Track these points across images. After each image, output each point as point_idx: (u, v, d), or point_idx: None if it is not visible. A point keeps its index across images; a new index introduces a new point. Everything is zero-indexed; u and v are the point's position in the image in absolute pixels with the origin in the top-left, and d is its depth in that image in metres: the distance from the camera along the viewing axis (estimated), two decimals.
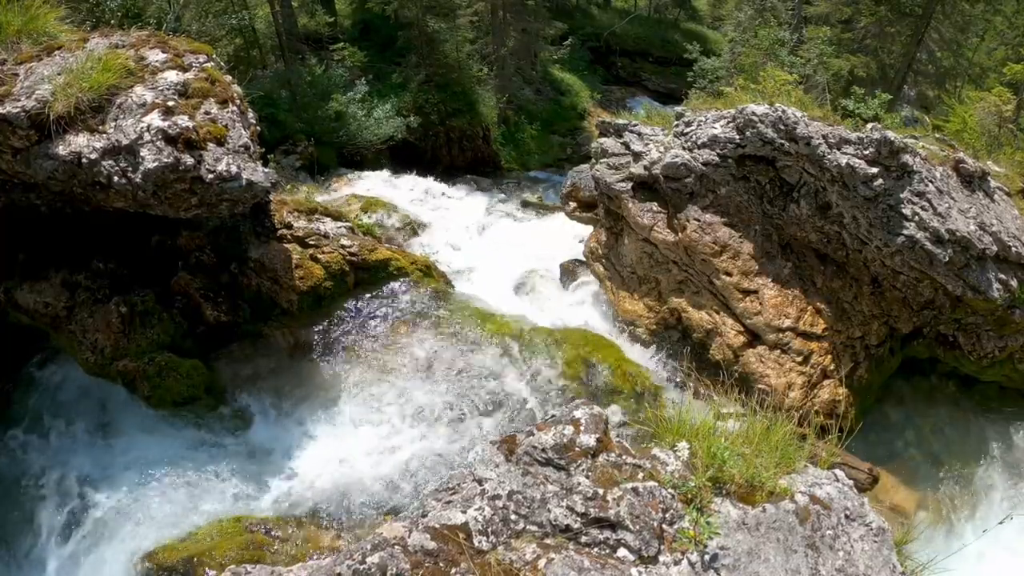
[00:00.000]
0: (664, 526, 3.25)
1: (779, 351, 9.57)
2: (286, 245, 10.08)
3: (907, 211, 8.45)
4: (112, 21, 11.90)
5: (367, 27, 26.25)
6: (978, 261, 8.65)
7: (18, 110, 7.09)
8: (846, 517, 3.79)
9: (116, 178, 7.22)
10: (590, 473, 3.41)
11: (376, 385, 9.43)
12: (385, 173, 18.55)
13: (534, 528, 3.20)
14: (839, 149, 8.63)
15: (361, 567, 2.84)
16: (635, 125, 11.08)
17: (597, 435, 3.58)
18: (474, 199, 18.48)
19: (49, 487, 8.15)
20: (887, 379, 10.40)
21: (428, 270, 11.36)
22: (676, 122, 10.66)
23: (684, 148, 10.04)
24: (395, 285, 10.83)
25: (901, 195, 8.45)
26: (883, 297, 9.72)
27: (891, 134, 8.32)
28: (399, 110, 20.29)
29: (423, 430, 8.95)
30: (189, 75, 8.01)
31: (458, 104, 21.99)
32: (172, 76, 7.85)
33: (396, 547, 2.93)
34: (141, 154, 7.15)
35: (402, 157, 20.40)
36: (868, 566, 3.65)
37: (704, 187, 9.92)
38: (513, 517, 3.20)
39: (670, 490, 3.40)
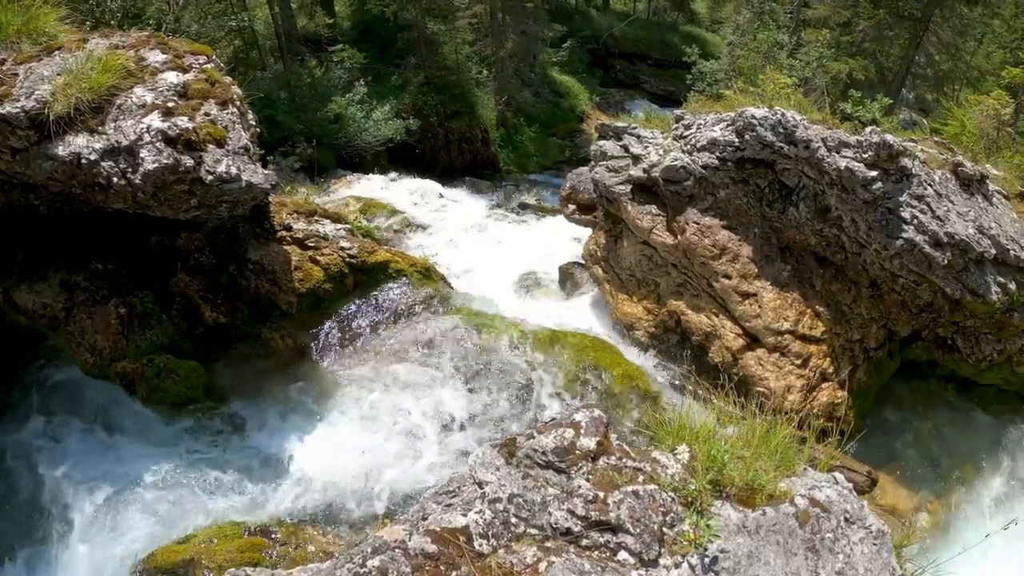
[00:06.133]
0: (664, 529, 3.24)
1: (778, 354, 9.57)
2: (285, 247, 10.07)
3: (906, 214, 8.46)
4: (112, 21, 11.88)
5: (366, 29, 26.26)
6: (976, 264, 8.67)
7: (17, 110, 7.08)
8: (846, 520, 3.79)
9: (116, 179, 7.21)
10: (590, 476, 3.41)
11: (375, 387, 9.42)
12: (384, 175, 18.55)
13: (535, 531, 3.20)
14: (838, 152, 8.65)
15: (361, 570, 2.83)
16: (634, 128, 11.09)
17: (597, 438, 3.57)
18: (473, 201, 18.50)
19: (47, 488, 8.12)
20: (886, 382, 10.41)
21: (427, 272, 11.36)
22: (675, 125, 10.68)
23: (683, 151, 10.05)
24: (394, 287, 10.83)
25: (900, 198, 8.47)
26: (882, 300, 9.73)
27: (890, 137, 8.33)
28: (398, 112, 20.29)
29: (422, 432, 8.94)
30: (189, 76, 8.00)
31: (457, 106, 21.99)
32: (172, 77, 7.84)
33: (396, 550, 2.93)
34: (141, 155, 7.14)
35: (401, 159, 20.41)
36: (868, 569, 3.65)
37: (703, 190, 9.93)
38: (513, 520, 3.20)
39: (670, 493, 3.40)
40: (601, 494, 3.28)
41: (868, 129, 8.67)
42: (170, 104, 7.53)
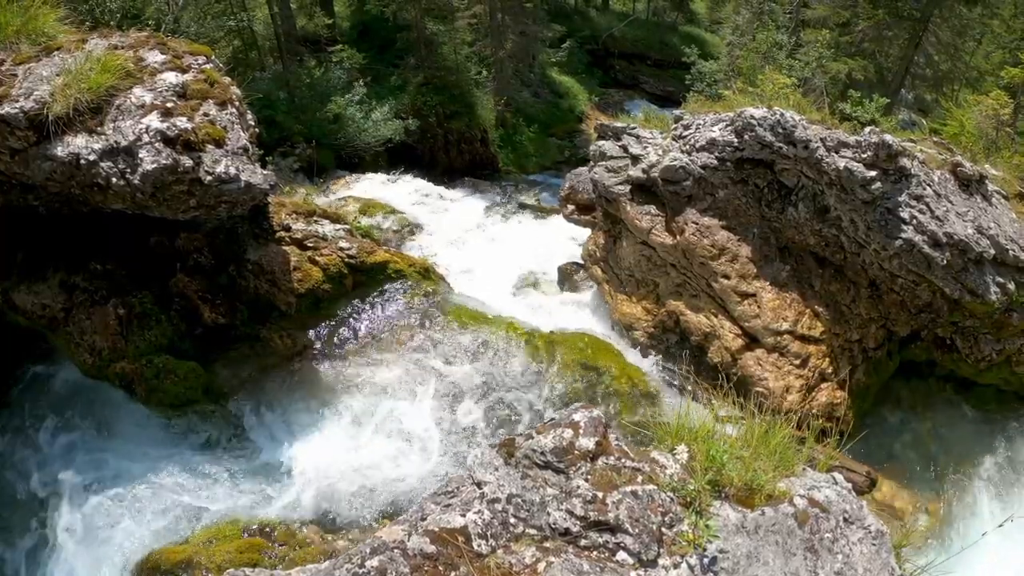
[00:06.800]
0: (663, 529, 3.24)
1: (777, 354, 9.57)
2: (284, 247, 10.06)
3: (905, 214, 8.46)
4: (111, 22, 11.89)
5: (366, 29, 26.26)
6: (975, 264, 8.67)
7: (16, 111, 7.08)
8: (844, 520, 3.79)
9: (114, 179, 7.21)
10: (589, 476, 3.41)
11: (374, 388, 9.42)
12: (383, 175, 18.56)
13: (533, 531, 3.19)
14: (837, 152, 8.65)
15: (360, 571, 2.83)
16: (633, 128, 11.09)
17: (596, 438, 3.57)
18: (472, 201, 18.49)
19: (46, 489, 8.13)
20: (885, 382, 10.41)
21: (426, 272, 11.35)
22: (674, 125, 10.68)
23: (682, 151, 10.05)
24: (393, 287, 10.83)
25: (899, 198, 8.47)
26: (881, 300, 9.73)
27: (889, 137, 8.33)
28: (397, 112, 20.29)
29: (421, 433, 8.94)
30: (188, 76, 8.00)
31: (456, 106, 21.99)
32: (171, 77, 7.84)
33: (395, 550, 2.93)
34: (140, 155, 7.14)
35: (400, 159, 20.40)
36: (867, 569, 3.65)
37: (702, 190, 9.93)
38: (512, 520, 3.20)
39: (669, 493, 3.39)
40: (600, 494, 3.28)
41: (867, 129, 8.67)
42: (169, 104, 7.53)
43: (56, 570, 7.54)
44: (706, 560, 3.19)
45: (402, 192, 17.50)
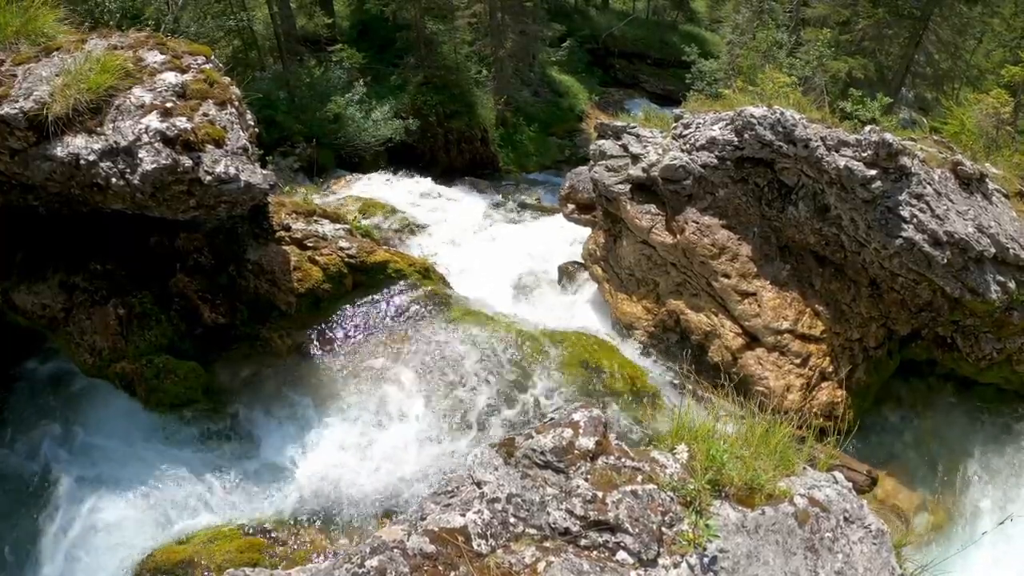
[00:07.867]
0: (663, 529, 3.24)
1: (777, 353, 9.57)
2: (284, 247, 10.06)
3: (905, 213, 8.45)
4: (110, 22, 11.89)
5: (365, 28, 26.26)
6: (976, 263, 8.66)
7: (16, 111, 7.08)
8: (845, 519, 3.79)
9: (114, 179, 7.20)
10: (589, 476, 3.41)
11: (375, 388, 9.42)
12: (383, 175, 18.54)
13: (533, 531, 3.19)
14: (837, 151, 8.64)
15: (360, 570, 2.83)
16: (633, 127, 11.09)
17: (596, 438, 3.57)
18: (472, 201, 18.48)
19: (45, 489, 8.12)
20: (885, 381, 10.41)
21: (426, 272, 11.35)
22: (674, 124, 10.67)
23: (682, 150, 10.04)
24: (393, 287, 10.82)
25: (899, 197, 8.46)
26: (881, 299, 9.73)
27: (889, 136, 8.33)
28: (397, 112, 20.28)
29: (421, 433, 8.94)
30: (187, 76, 7.99)
31: (456, 106, 21.98)
32: (170, 77, 7.84)
33: (395, 550, 2.93)
34: (139, 156, 7.14)
35: (400, 159, 20.39)
36: (867, 568, 3.65)
37: (702, 189, 9.93)
38: (512, 520, 3.20)
39: (669, 493, 3.40)
40: (600, 494, 3.28)
41: (867, 128, 8.66)
42: (168, 104, 7.53)
43: (56, 571, 7.53)
44: (706, 559, 3.19)
45: (402, 192, 17.47)
